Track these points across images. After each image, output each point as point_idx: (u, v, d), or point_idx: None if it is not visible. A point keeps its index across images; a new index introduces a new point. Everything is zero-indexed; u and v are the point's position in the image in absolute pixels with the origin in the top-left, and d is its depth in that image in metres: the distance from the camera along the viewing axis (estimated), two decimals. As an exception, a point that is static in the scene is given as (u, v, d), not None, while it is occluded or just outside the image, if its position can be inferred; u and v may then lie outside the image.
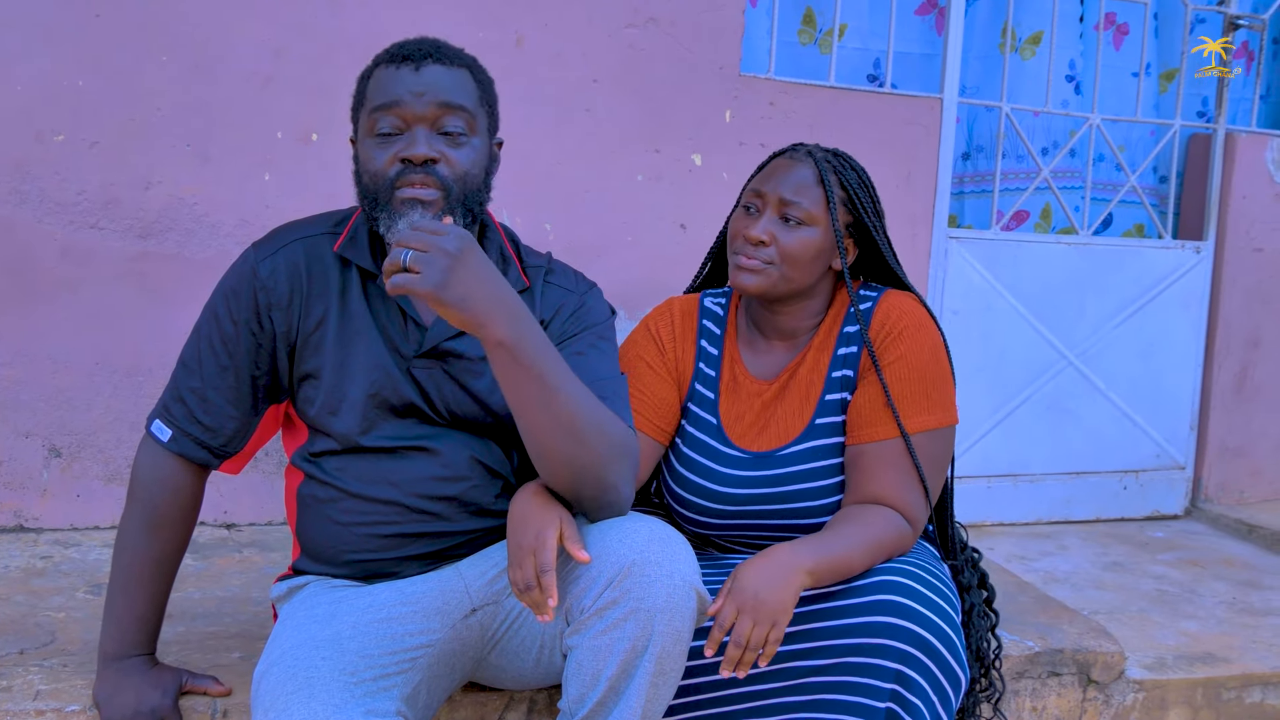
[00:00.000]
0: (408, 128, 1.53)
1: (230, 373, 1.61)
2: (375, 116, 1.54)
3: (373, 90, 1.56)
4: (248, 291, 1.60)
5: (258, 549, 2.46)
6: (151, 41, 2.39)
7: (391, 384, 1.59)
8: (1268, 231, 3.42)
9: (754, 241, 1.73)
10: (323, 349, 1.60)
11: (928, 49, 3.31)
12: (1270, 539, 3.21)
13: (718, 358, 1.85)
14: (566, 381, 1.43)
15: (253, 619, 2.05)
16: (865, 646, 1.55)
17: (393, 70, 1.55)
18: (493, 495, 1.64)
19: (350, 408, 1.59)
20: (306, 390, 1.62)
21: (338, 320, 1.60)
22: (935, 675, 1.55)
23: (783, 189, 1.73)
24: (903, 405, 1.70)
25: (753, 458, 1.78)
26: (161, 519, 1.63)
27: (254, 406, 1.64)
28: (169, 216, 2.44)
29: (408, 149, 1.51)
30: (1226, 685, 2.32)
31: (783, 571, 1.52)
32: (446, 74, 1.55)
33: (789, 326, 1.82)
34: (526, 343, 1.40)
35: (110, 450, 2.48)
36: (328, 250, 1.62)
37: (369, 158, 1.55)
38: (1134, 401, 3.35)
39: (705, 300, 1.90)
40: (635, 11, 2.73)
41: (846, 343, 1.79)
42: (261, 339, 1.61)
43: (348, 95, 2.51)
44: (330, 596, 1.61)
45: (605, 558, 1.44)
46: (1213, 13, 3.44)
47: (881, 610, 1.55)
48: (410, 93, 1.52)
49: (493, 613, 1.61)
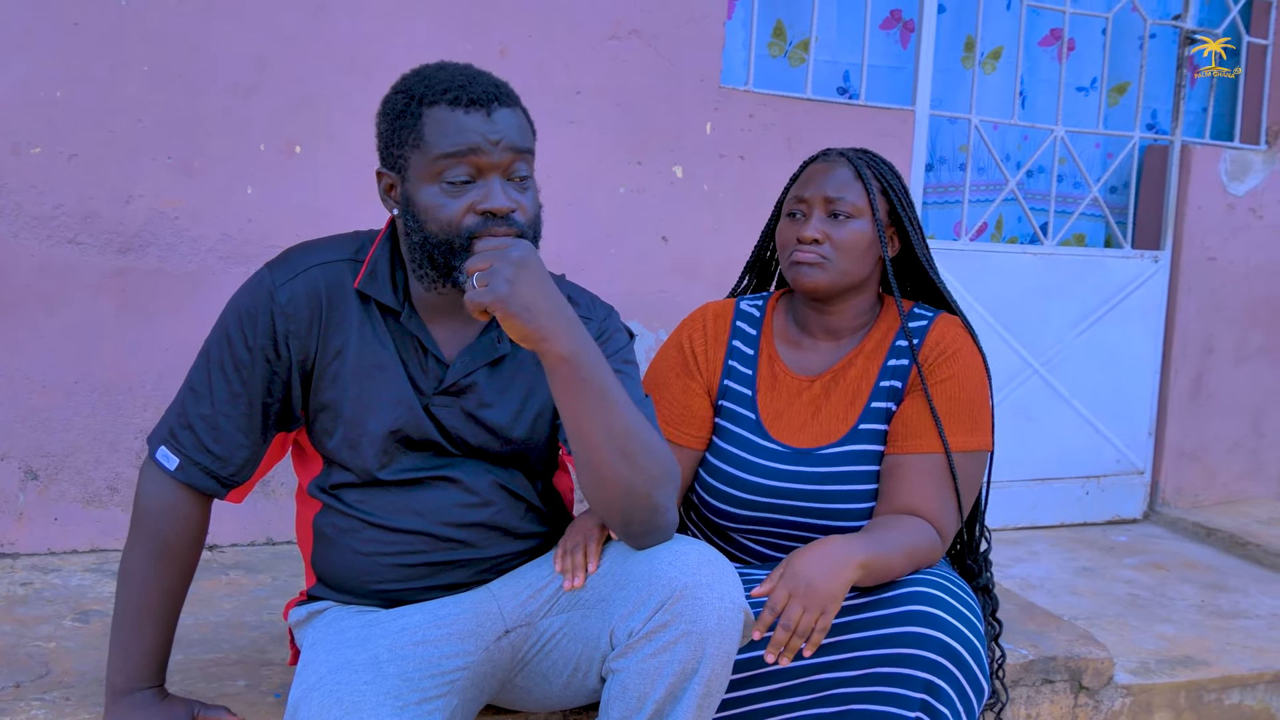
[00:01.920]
0: (480, 175, 1.46)
1: (243, 400, 1.55)
2: (443, 164, 1.45)
3: (434, 134, 1.46)
4: (265, 317, 1.54)
5: (243, 571, 2.40)
6: (132, 51, 2.33)
7: (414, 421, 1.56)
8: (1220, 241, 3.54)
9: (808, 241, 1.79)
10: (340, 381, 1.56)
11: (894, 62, 3.36)
12: (1228, 541, 3.32)
13: (753, 356, 1.89)
14: (622, 398, 1.43)
15: (251, 645, 2.01)
16: (896, 657, 1.57)
17: (459, 114, 1.45)
18: (518, 517, 1.62)
19: (370, 442, 1.56)
20: (324, 421, 1.58)
21: (356, 353, 1.56)
22: (962, 685, 1.58)
23: (826, 188, 1.80)
24: (948, 423, 1.74)
25: (792, 453, 1.80)
26: (169, 549, 1.58)
27: (264, 434, 1.59)
28: (150, 230, 2.38)
29: (487, 201, 1.45)
30: (1207, 688, 2.39)
31: (837, 561, 1.56)
32: (513, 116, 1.48)
33: (838, 325, 1.87)
34: (587, 357, 1.39)
35: (89, 472, 2.40)
36: (349, 279, 1.57)
37: (435, 205, 1.46)
38: (1095, 408, 3.44)
39: (741, 303, 1.94)
40: (618, 23, 2.72)
41: (898, 355, 1.83)
42: (277, 366, 1.56)
43: (332, 106, 2.50)
44: (358, 620, 1.58)
45: (656, 580, 1.44)
46: (1168, 27, 3.55)
47: (912, 621, 1.57)
48: (486, 140, 1.44)
49: (525, 634, 1.59)
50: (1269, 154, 3.59)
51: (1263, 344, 3.66)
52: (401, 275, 1.58)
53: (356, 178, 2.51)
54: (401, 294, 1.57)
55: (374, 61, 2.51)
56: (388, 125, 1.52)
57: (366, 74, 2.50)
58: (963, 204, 3.30)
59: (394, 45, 2.52)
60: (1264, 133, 3.61)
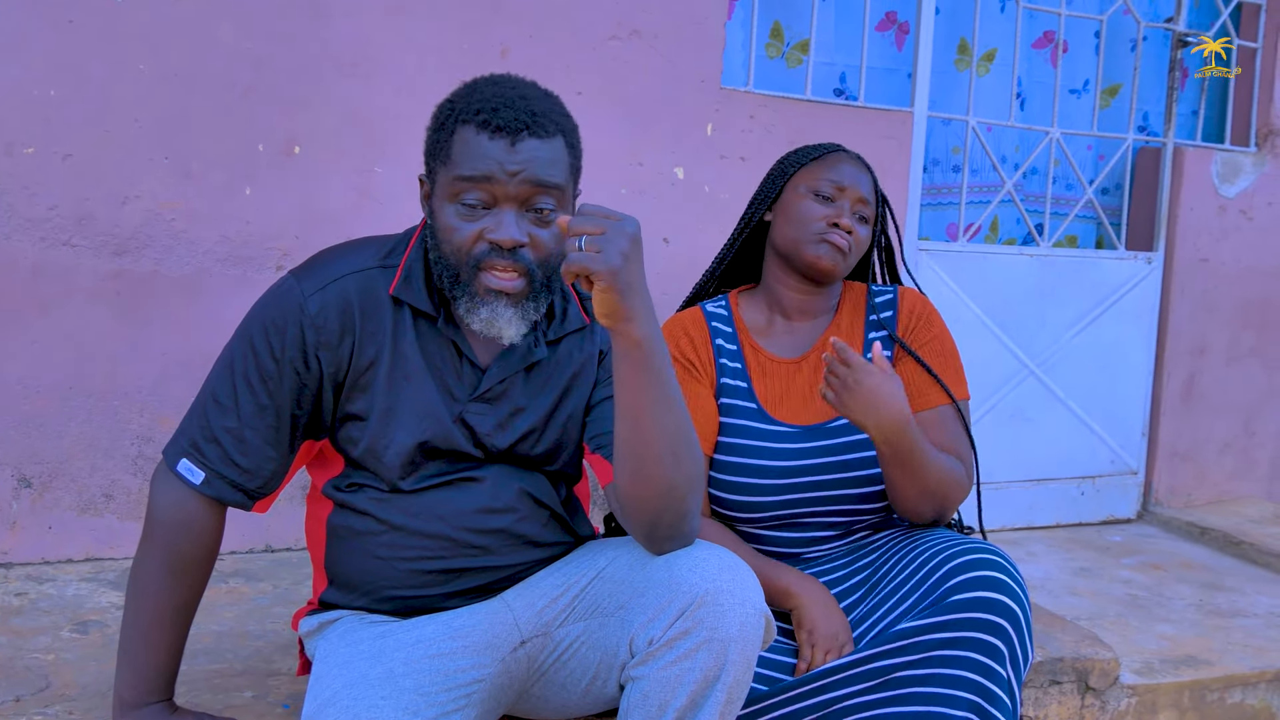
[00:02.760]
0: (495, 204, 1.43)
1: (270, 412, 1.51)
2: (460, 186, 1.43)
3: (459, 153, 1.43)
4: (294, 328, 1.49)
5: (243, 579, 2.36)
6: (128, 49, 2.28)
7: (443, 432, 1.54)
8: (1212, 242, 3.56)
9: (846, 230, 1.86)
10: (371, 391, 1.53)
11: (888, 64, 3.36)
12: (1222, 541, 3.34)
13: (737, 351, 1.93)
14: (679, 396, 1.42)
15: (255, 655, 1.97)
16: (955, 622, 1.58)
17: (484, 139, 1.42)
18: (540, 525, 1.60)
19: (397, 453, 1.53)
20: (350, 430, 1.55)
21: (390, 362, 1.53)
22: (1015, 649, 1.59)
23: (861, 188, 1.89)
24: (945, 376, 1.86)
25: (802, 431, 1.84)
26: (185, 562, 1.53)
27: (292, 445, 1.55)
28: (146, 233, 2.33)
29: (495, 232, 1.42)
30: (1210, 687, 2.40)
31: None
32: (542, 148, 1.43)
33: (816, 306, 1.95)
34: (658, 346, 1.37)
35: (84, 479, 2.35)
36: (381, 287, 1.53)
37: (450, 226, 1.45)
38: (1090, 409, 3.45)
39: (706, 307, 1.98)
40: (619, 24, 2.70)
41: (876, 328, 1.93)
42: (307, 379, 1.51)
43: (331, 106, 2.47)
44: (371, 631, 1.55)
45: (676, 587, 1.42)
46: (1160, 30, 3.57)
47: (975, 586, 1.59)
48: (503, 170, 1.41)
49: (541, 644, 1.57)
50: (1259, 156, 3.62)
51: (1253, 345, 3.68)
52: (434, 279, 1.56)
53: (357, 179, 2.48)
54: (437, 299, 1.54)
55: (373, 62, 2.48)
56: (430, 134, 1.50)
57: (366, 74, 2.47)
58: (960, 205, 3.30)
59: (394, 45, 2.49)
60: (1253, 135, 3.64)
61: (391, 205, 2.50)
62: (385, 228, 1.90)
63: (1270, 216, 3.65)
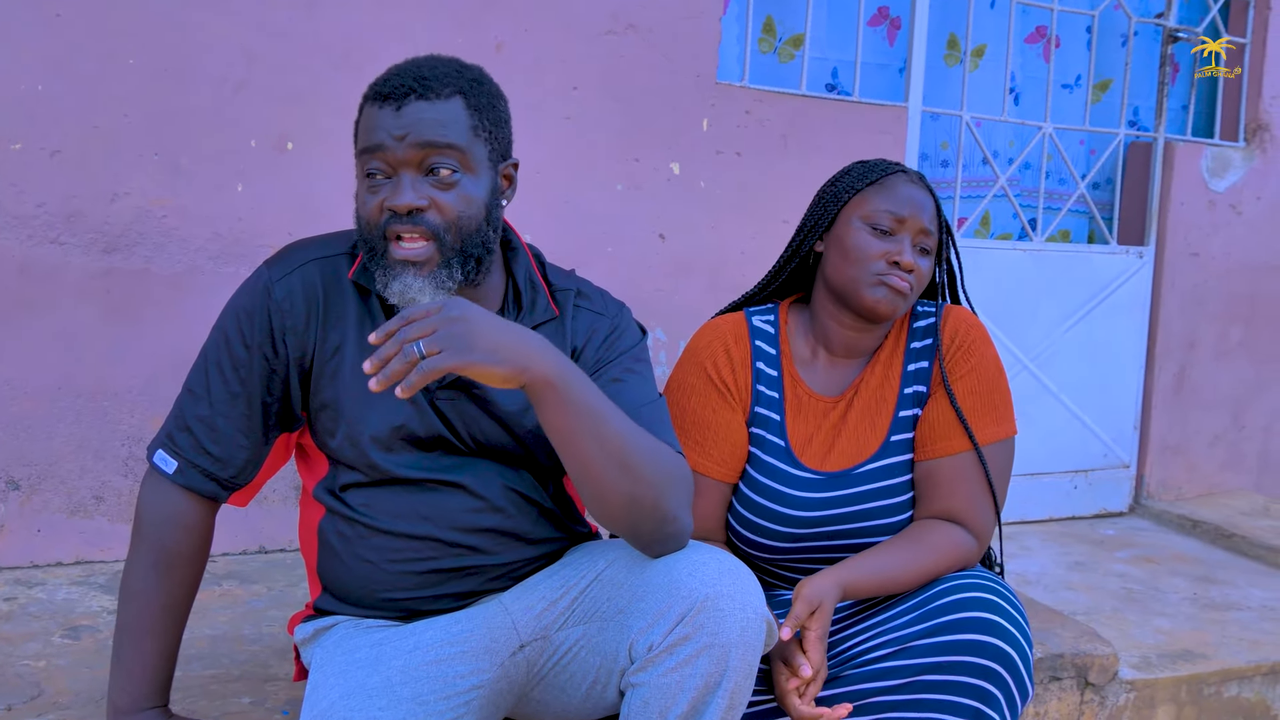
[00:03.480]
0: (394, 172, 1.42)
1: (241, 399, 1.51)
2: (362, 160, 1.44)
3: (360, 130, 1.46)
4: (261, 313, 1.50)
5: (237, 581, 2.33)
6: (117, 43, 2.24)
7: (418, 416, 1.51)
8: (1203, 237, 3.57)
9: (907, 269, 1.68)
10: (339, 378, 1.51)
11: (880, 59, 3.35)
12: (1213, 534, 3.35)
13: (777, 378, 1.80)
14: (613, 413, 1.37)
15: (251, 659, 1.94)
16: (946, 665, 1.54)
17: (375, 109, 1.43)
18: (530, 522, 1.57)
19: (374, 441, 1.51)
20: (325, 421, 1.53)
21: (356, 349, 1.51)
22: (1011, 691, 1.56)
23: (923, 218, 1.71)
24: (974, 418, 1.71)
25: (826, 478, 1.74)
26: (172, 559, 1.51)
27: (265, 435, 1.54)
28: (136, 230, 2.29)
29: (392, 197, 1.41)
30: (1207, 681, 2.40)
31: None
32: (431, 109, 1.41)
33: (865, 344, 1.79)
34: (569, 376, 1.33)
35: (73, 481, 2.31)
36: (345, 272, 1.53)
37: (360, 202, 1.46)
38: (1083, 403, 3.45)
39: (753, 320, 1.83)
40: (614, 18, 2.68)
41: (916, 358, 1.78)
42: (275, 364, 1.51)
43: (324, 101, 2.43)
44: (368, 639, 1.52)
45: (675, 592, 1.39)
46: (1150, 25, 3.57)
47: (964, 628, 1.54)
48: (391, 136, 1.41)
49: (540, 648, 1.55)
50: (1248, 150, 3.63)
51: (1241, 339, 3.69)
52: None
53: (349, 174, 2.42)
54: None
55: (366, 56, 2.44)
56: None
57: (359, 68, 2.43)
58: (953, 200, 3.29)
59: (387, 39, 2.45)
60: (1242, 130, 3.65)
61: (385, 201, 2.46)
62: (380, 224, 1.87)
63: (1258, 211, 3.66)
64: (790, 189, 2.81)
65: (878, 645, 1.60)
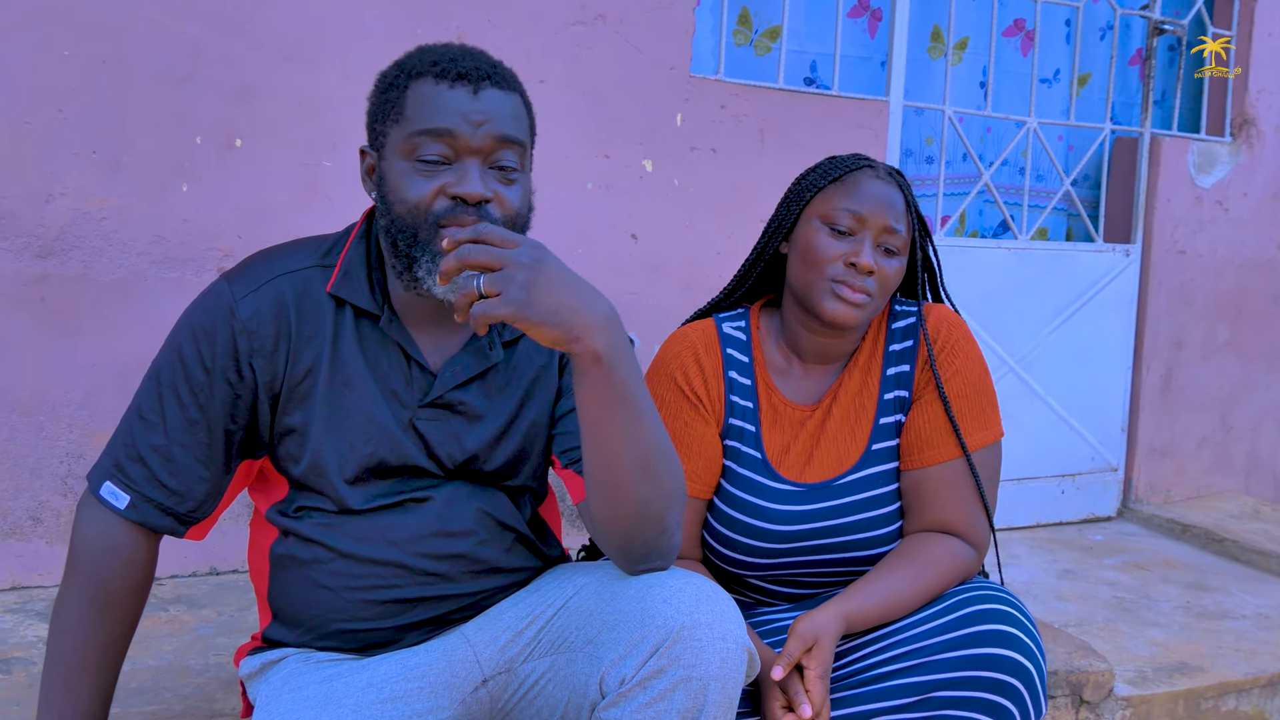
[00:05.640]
0: (457, 158, 1.33)
1: (201, 427, 1.38)
2: (418, 140, 1.32)
3: (414, 106, 1.33)
4: (225, 334, 1.37)
5: (185, 605, 2.19)
6: (49, 33, 2.10)
7: (390, 444, 1.40)
8: (1189, 234, 3.48)
9: (865, 271, 1.58)
10: (310, 401, 1.39)
11: (861, 52, 3.25)
12: (1204, 538, 3.26)
13: (751, 388, 1.70)
14: (650, 411, 1.29)
15: (197, 693, 1.81)
16: (962, 680, 1.46)
17: (444, 89, 1.32)
18: (503, 550, 1.47)
19: (339, 470, 1.40)
20: (289, 446, 1.41)
21: (329, 368, 1.39)
22: (1027, 707, 1.48)
23: (888, 215, 1.60)
24: (962, 422, 1.62)
25: (806, 490, 1.64)
26: (111, 596, 1.38)
27: (227, 464, 1.42)
28: (73, 233, 2.16)
29: (460, 185, 1.31)
30: (1204, 695, 2.32)
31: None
32: (506, 100, 1.34)
33: (837, 350, 1.70)
34: (620, 356, 1.24)
35: (8, 501, 2.17)
36: (318, 287, 1.40)
37: (404, 184, 1.33)
38: (1070, 405, 3.36)
39: (723, 327, 1.73)
40: (582, 8, 2.56)
41: (896, 362, 1.68)
42: (240, 389, 1.38)
43: (274, 95, 2.30)
44: (318, 675, 1.40)
45: (649, 621, 1.29)
46: (1136, 17, 3.48)
47: (983, 641, 1.46)
48: (467, 121, 1.31)
49: (505, 682, 1.44)
50: (1234, 146, 3.55)
51: (1229, 338, 3.61)
52: (380, 276, 1.42)
53: (302, 173, 2.31)
54: (380, 296, 1.41)
55: (319, 48, 2.31)
56: (376, 99, 1.38)
57: (311, 61, 2.31)
58: (937, 198, 3.19)
59: (341, 30, 2.32)
60: (1229, 124, 3.57)
61: (341, 200, 2.33)
62: (335, 225, 1.75)
63: (1245, 207, 3.59)
64: (768, 186, 2.70)
65: (891, 659, 1.51)
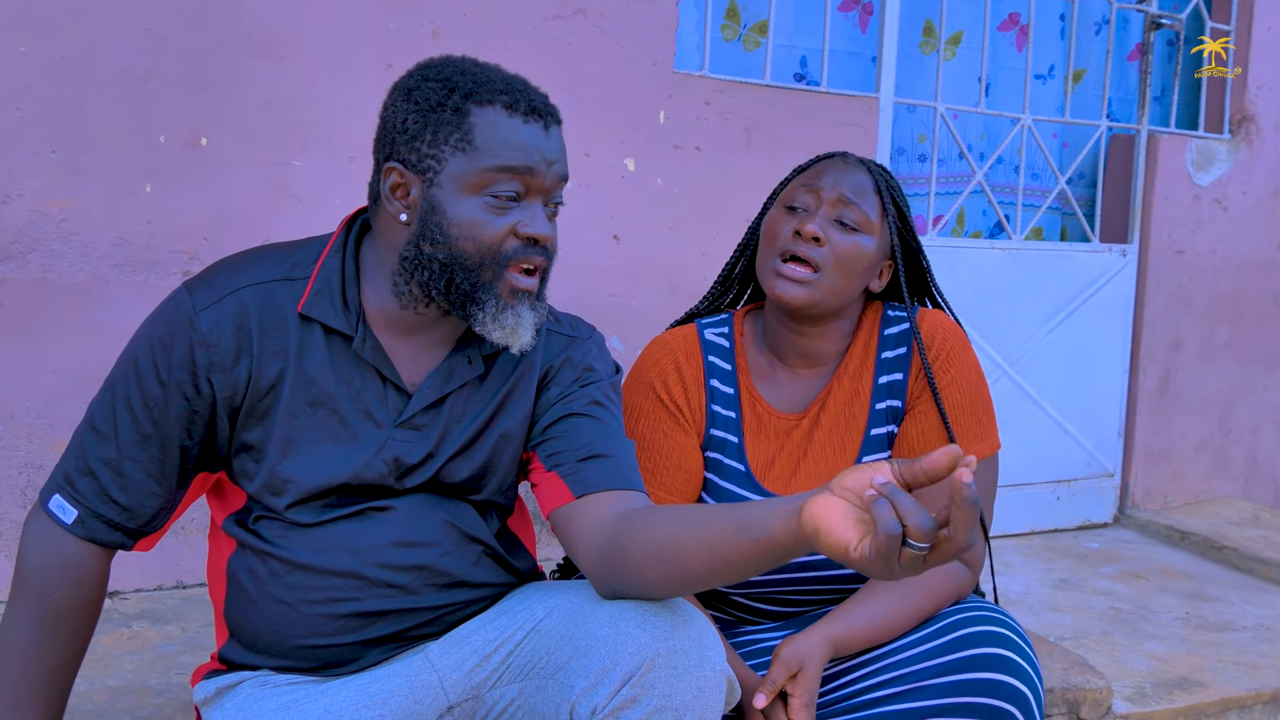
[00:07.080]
0: (526, 196, 1.30)
1: (154, 442, 1.31)
2: (495, 176, 1.28)
3: (488, 138, 1.27)
4: (183, 346, 1.30)
5: (149, 621, 2.12)
6: (7, 29, 2.03)
7: (358, 466, 1.34)
8: (1187, 234, 3.41)
9: (809, 237, 1.52)
10: (271, 419, 1.33)
11: (851, 47, 3.18)
12: (1203, 546, 3.20)
13: (734, 396, 1.63)
14: None
15: (156, 714, 1.74)
16: (957, 707, 1.39)
17: (519, 123, 1.28)
18: (469, 563, 1.40)
19: (297, 490, 1.33)
20: (245, 463, 1.35)
21: (293, 387, 1.33)
22: None
23: (843, 186, 1.55)
24: (959, 434, 1.55)
25: None
26: (60, 615, 1.32)
27: (181, 479, 1.35)
28: (31, 235, 2.08)
29: (532, 226, 1.29)
30: (1205, 712, 2.26)
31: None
32: (560, 137, 1.34)
33: (817, 350, 1.62)
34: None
35: (-36, 513, 2.10)
36: (286, 301, 1.33)
37: (476, 221, 1.28)
38: (1065, 410, 3.29)
39: (705, 333, 1.66)
40: (561, 2, 2.48)
41: (888, 370, 1.61)
42: (197, 404, 1.31)
43: (241, 93, 2.22)
44: (275, 701, 1.34)
45: (622, 647, 1.23)
46: (1134, 11, 3.41)
47: (977, 666, 1.40)
48: (544, 160, 1.29)
49: (472, 709, 1.38)
50: (1233, 143, 3.48)
51: (1227, 339, 3.54)
52: (353, 291, 1.35)
53: (272, 174, 2.24)
54: (354, 314, 1.34)
55: (288, 43, 2.24)
56: (418, 117, 1.29)
57: (280, 56, 2.23)
58: (929, 197, 3.12)
59: (311, 25, 2.25)
60: (1227, 121, 3.49)
61: (312, 202, 2.26)
62: (306, 228, 1.68)
63: (1244, 206, 3.51)
64: (754, 186, 2.63)
65: (881, 684, 1.44)
